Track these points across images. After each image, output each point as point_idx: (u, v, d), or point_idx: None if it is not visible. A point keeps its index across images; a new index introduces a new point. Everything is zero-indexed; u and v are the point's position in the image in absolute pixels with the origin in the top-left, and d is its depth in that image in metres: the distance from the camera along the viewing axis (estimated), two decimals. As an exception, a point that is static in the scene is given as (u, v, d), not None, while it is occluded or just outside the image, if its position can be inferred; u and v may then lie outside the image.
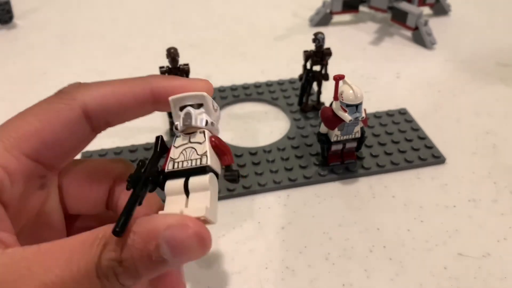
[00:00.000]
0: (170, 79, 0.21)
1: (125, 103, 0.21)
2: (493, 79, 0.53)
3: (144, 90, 0.21)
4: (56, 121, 0.20)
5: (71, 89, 0.21)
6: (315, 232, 0.34)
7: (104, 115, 0.21)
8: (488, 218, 0.35)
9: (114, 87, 0.21)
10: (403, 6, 0.60)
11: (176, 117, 0.21)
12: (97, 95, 0.20)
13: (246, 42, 0.61)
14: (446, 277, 0.31)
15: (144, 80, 0.21)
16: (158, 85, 0.21)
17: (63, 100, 0.20)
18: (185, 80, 0.21)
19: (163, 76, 0.22)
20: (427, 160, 0.40)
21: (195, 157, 0.20)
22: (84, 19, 0.67)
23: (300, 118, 0.45)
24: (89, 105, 0.20)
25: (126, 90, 0.21)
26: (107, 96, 0.21)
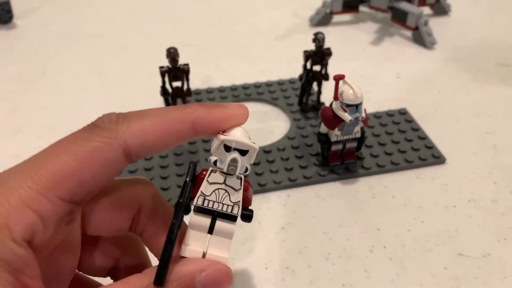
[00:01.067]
0: (211, 109, 0.20)
1: (167, 139, 0.20)
2: (493, 79, 0.52)
3: (187, 125, 0.20)
4: (96, 162, 0.18)
5: (109, 124, 0.19)
6: (315, 232, 0.34)
7: (143, 151, 0.20)
8: (488, 218, 0.35)
9: (155, 122, 0.19)
10: (403, 6, 0.60)
11: (218, 151, 0.20)
12: (138, 133, 0.19)
13: (246, 42, 0.61)
14: (447, 277, 0.31)
15: (184, 112, 0.20)
16: (200, 118, 0.20)
17: (103, 138, 0.19)
18: (226, 109, 0.21)
19: (203, 106, 0.20)
20: (427, 160, 0.40)
21: (227, 203, 0.21)
22: (84, 19, 0.67)
23: (300, 118, 0.45)
24: (131, 144, 0.19)
25: (168, 126, 0.19)
26: (149, 133, 0.19)
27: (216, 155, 0.20)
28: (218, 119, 0.20)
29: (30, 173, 0.17)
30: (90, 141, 0.18)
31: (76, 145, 0.18)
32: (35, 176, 0.17)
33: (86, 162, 0.18)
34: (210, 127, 0.20)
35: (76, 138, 0.19)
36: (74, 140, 0.19)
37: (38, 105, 0.49)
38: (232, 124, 0.21)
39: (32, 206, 0.17)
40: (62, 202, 0.18)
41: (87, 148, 0.18)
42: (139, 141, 0.19)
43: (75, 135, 0.19)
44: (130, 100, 0.49)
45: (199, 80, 0.52)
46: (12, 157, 0.42)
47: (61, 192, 0.18)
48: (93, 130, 0.19)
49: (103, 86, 0.52)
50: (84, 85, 0.52)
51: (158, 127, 0.19)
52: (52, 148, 0.19)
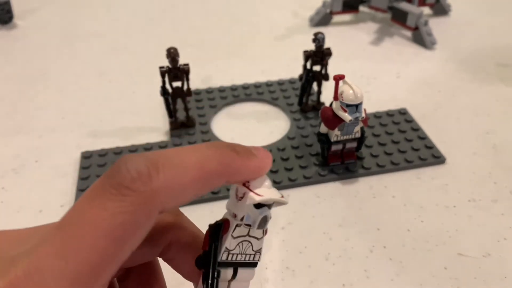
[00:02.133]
0: (247, 161, 0.18)
1: (200, 194, 0.17)
2: (493, 79, 0.53)
3: (222, 180, 0.17)
4: (134, 238, 0.15)
5: (142, 183, 0.15)
6: (315, 232, 0.34)
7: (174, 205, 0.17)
8: (488, 218, 0.35)
9: (192, 178, 0.16)
10: (403, 6, 0.60)
11: (244, 206, 0.19)
12: (176, 193, 0.16)
13: (246, 42, 0.61)
14: (447, 277, 0.31)
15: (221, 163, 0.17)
16: (237, 172, 0.18)
17: (139, 206, 0.15)
18: (258, 160, 0.18)
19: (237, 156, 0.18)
20: (427, 160, 0.40)
21: (249, 252, 0.20)
22: (84, 19, 0.67)
23: (300, 118, 0.45)
24: (166, 204, 0.16)
25: (204, 183, 0.17)
26: (185, 192, 0.16)
27: (241, 209, 0.19)
28: (251, 172, 0.18)
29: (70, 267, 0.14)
30: (124, 214, 0.15)
31: (107, 220, 0.15)
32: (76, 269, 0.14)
33: (124, 241, 0.15)
34: (242, 178, 0.18)
35: (103, 207, 0.15)
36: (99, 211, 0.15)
37: (38, 105, 0.49)
38: (261, 175, 0.19)
39: None
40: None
41: (123, 224, 0.15)
42: (174, 200, 0.16)
43: (102, 201, 0.15)
44: (130, 100, 0.49)
45: (199, 80, 0.52)
46: (12, 157, 0.42)
47: (103, 281, 0.15)
48: (123, 193, 0.15)
49: (103, 86, 0.52)
50: (84, 85, 0.52)
51: (195, 184, 0.16)
52: (75, 222, 0.15)
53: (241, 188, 0.19)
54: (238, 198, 0.19)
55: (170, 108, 0.43)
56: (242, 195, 0.19)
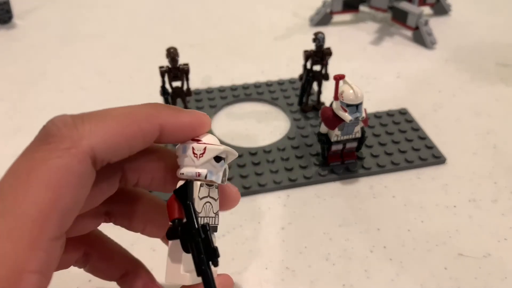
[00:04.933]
0: (178, 113, 0.19)
1: (133, 142, 0.18)
2: (494, 79, 0.52)
3: (153, 127, 0.18)
4: (71, 183, 0.16)
5: (67, 130, 0.16)
6: (315, 232, 0.34)
7: (109, 156, 0.17)
8: (488, 218, 0.35)
9: (120, 124, 0.17)
10: (404, 6, 0.60)
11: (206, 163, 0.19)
12: (104, 138, 0.17)
13: (246, 41, 0.61)
14: (447, 278, 0.31)
15: (151, 115, 0.18)
16: (168, 122, 0.19)
17: (66, 151, 0.16)
18: (191, 115, 0.20)
19: (168, 108, 0.19)
20: (428, 160, 0.40)
21: (211, 215, 0.21)
22: (84, 19, 0.67)
23: (300, 118, 0.45)
24: (97, 150, 0.16)
25: (135, 129, 0.18)
26: (116, 138, 0.17)
27: (203, 166, 0.19)
28: (188, 124, 0.19)
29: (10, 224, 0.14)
30: (53, 159, 0.15)
31: (43, 171, 0.15)
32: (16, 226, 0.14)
33: (60, 187, 0.15)
34: (179, 132, 0.19)
35: (34, 157, 0.15)
36: (36, 164, 0.15)
37: (37, 105, 0.49)
38: (203, 131, 0.20)
39: (29, 267, 0.14)
40: (54, 243, 0.15)
41: (54, 169, 0.15)
42: (106, 147, 0.17)
43: (31, 154, 0.16)
44: (130, 100, 0.49)
45: (199, 80, 0.52)
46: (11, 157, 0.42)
47: (50, 232, 0.15)
48: (50, 142, 0.16)
49: (103, 86, 0.52)
50: (84, 85, 0.52)
51: (124, 129, 0.17)
52: (18, 181, 0.15)
53: (198, 145, 0.19)
54: (199, 156, 0.19)
55: (170, 108, 0.43)
56: (202, 151, 0.19)
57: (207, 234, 0.18)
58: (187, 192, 0.19)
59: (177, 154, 0.20)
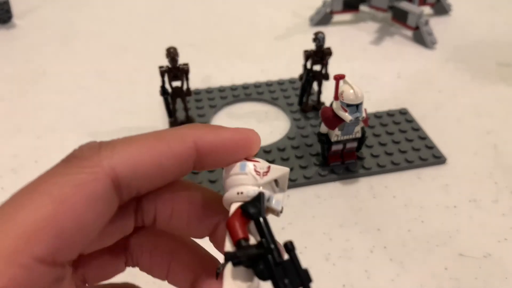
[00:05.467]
0: (215, 131, 0.17)
1: (164, 165, 0.16)
2: (494, 79, 0.52)
3: (186, 147, 0.16)
4: (77, 199, 0.14)
5: (90, 152, 0.15)
6: (315, 232, 0.34)
7: (137, 182, 0.15)
8: (489, 219, 0.35)
9: (147, 145, 0.16)
10: (404, 6, 0.59)
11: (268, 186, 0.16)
12: (128, 158, 0.15)
13: (246, 41, 0.60)
14: (447, 278, 0.31)
15: (182, 133, 0.16)
16: (204, 138, 0.16)
17: (83, 168, 0.14)
18: (233, 131, 0.17)
19: (204, 126, 0.17)
20: (428, 160, 0.40)
21: None
22: (84, 18, 0.67)
23: (300, 118, 0.45)
24: (120, 171, 0.15)
25: (163, 148, 0.16)
26: (141, 157, 0.15)
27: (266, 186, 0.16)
28: (230, 142, 0.16)
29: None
30: (67, 175, 0.14)
31: (50, 184, 0.14)
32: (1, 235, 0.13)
33: (64, 201, 0.14)
34: (220, 152, 0.16)
35: (51, 175, 0.14)
36: (48, 178, 0.14)
37: (37, 105, 0.49)
38: (252, 151, 0.17)
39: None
40: (42, 266, 0.13)
41: (64, 184, 0.14)
42: (130, 167, 0.15)
43: (50, 172, 0.15)
44: (130, 100, 0.49)
45: (199, 80, 0.51)
46: (11, 157, 0.42)
47: (38, 250, 0.13)
48: (73, 162, 0.15)
49: (102, 86, 0.52)
50: (83, 85, 0.52)
51: (151, 149, 0.15)
52: (24, 192, 0.14)
53: (259, 163, 0.16)
54: (262, 174, 0.16)
55: (169, 108, 0.43)
56: (266, 169, 0.16)
57: (293, 254, 0.14)
58: (260, 206, 0.15)
59: (226, 174, 0.17)
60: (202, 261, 0.18)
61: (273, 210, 0.17)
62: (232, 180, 0.16)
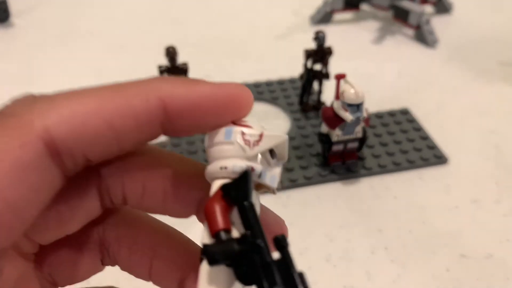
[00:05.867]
0: (191, 85, 0.13)
1: (117, 126, 0.12)
2: (496, 78, 0.52)
3: (149, 105, 0.12)
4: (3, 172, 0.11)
5: (21, 109, 0.12)
6: (316, 233, 0.34)
7: (82, 148, 0.12)
8: (491, 219, 0.35)
9: (96, 100, 0.12)
10: (405, 5, 0.59)
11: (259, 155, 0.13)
12: (69, 116, 0.12)
13: (245, 40, 0.60)
14: (449, 279, 0.31)
15: (146, 87, 0.13)
16: (174, 96, 0.12)
17: (9, 130, 0.11)
18: (214, 86, 0.13)
19: (176, 79, 0.13)
20: (429, 161, 0.39)
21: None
22: (82, 18, 0.66)
23: (301, 118, 0.45)
24: (56, 133, 0.11)
25: (118, 105, 0.12)
26: (86, 115, 0.12)
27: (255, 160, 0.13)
28: (211, 99, 0.13)
29: None
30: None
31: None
32: None
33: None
34: (197, 112, 0.13)
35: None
36: None
37: (36, 104, 0.48)
38: (242, 112, 0.13)
39: None
40: None
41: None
42: (70, 129, 0.12)
43: None
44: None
45: (199, 79, 0.51)
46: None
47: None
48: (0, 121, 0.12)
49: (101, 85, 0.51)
50: (82, 84, 0.51)
51: (100, 106, 0.12)
52: None
53: (250, 129, 0.13)
54: (252, 144, 0.13)
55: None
56: (258, 138, 0.13)
57: (285, 252, 0.11)
58: (246, 187, 0.12)
59: (209, 143, 0.14)
60: (191, 257, 0.15)
61: (268, 187, 0.14)
62: (215, 151, 0.13)
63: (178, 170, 0.15)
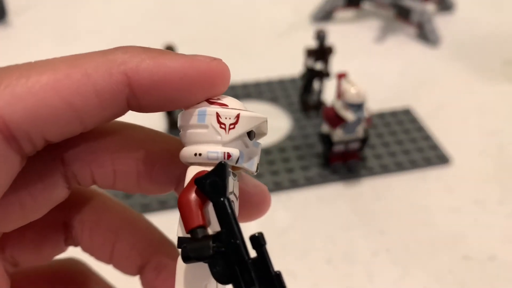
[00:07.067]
0: (158, 58, 0.12)
1: (77, 105, 0.11)
2: (499, 78, 0.52)
3: (113, 81, 0.11)
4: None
5: None
6: (317, 235, 0.33)
7: (40, 130, 0.11)
8: (493, 220, 0.35)
9: (53, 75, 0.11)
10: (407, 3, 0.59)
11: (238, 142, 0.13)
12: (23, 96, 0.11)
13: (245, 39, 0.60)
14: (451, 281, 0.30)
15: (109, 60, 0.11)
16: (140, 69, 0.11)
17: None
18: (184, 58, 0.12)
19: (142, 51, 0.12)
20: (432, 161, 0.39)
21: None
22: (80, 15, 0.66)
23: (301, 118, 0.44)
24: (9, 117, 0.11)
25: (77, 82, 0.11)
26: (42, 95, 0.11)
27: (234, 143, 0.12)
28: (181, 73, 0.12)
29: None
30: None
31: None
32: None
33: None
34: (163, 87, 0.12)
35: None
36: None
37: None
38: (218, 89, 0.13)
39: None
40: None
41: None
42: (24, 112, 0.11)
43: None
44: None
45: (199, 79, 0.51)
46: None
47: None
48: None
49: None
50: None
51: (58, 83, 0.11)
52: None
53: (225, 110, 0.12)
54: (228, 128, 0.12)
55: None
56: (234, 120, 0.12)
57: (262, 251, 0.11)
58: (222, 182, 0.11)
59: (181, 123, 0.13)
60: (152, 244, 0.15)
61: (245, 171, 0.13)
62: (189, 134, 0.12)
63: (151, 148, 0.14)
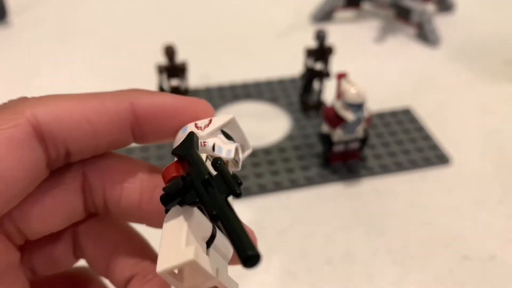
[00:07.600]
0: (155, 94, 0.16)
1: (94, 121, 0.15)
2: (499, 78, 0.52)
3: (121, 106, 0.15)
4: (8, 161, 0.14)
5: (15, 102, 0.15)
6: (317, 235, 0.33)
7: (63, 136, 0.15)
8: (494, 220, 0.34)
9: (77, 99, 0.15)
10: (407, 3, 0.59)
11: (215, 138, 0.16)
12: (53, 107, 0.15)
13: (245, 39, 0.60)
14: (451, 281, 0.30)
15: (118, 94, 0.16)
16: (141, 102, 0.15)
17: (5, 115, 0.14)
18: (175, 96, 0.16)
19: (143, 90, 0.16)
20: (432, 161, 0.39)
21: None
22: (81, 16, 0.66)
23: (301, 118, 0.44)
24: (42, 119, 0.14)
25: (95, 104, 0.15)
26: (68, 109, 0.15)
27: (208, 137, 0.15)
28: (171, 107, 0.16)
29: None
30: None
31: None
32: None
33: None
34: (159, 115, 0.15)
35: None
36: None
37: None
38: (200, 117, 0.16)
39: None
40: None
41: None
42: (53, 117, 0.14)
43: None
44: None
45: (197, 79, 0.51)
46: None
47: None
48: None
49: (99, 84, 0.51)
50: (80, 84, 0.51)
51: (80, 103, 0.15)
52: None
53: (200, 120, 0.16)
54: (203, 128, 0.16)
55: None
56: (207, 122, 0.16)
57: (220, 167, 0.13)
58: (191, 142, 0.14)
59: (175, 142, 0.16)
60: (143, 259, 0.17)
61: (232, 163, 0.16)
62: (177, 142, 0.16)
63: (153, 171, 0.17)
